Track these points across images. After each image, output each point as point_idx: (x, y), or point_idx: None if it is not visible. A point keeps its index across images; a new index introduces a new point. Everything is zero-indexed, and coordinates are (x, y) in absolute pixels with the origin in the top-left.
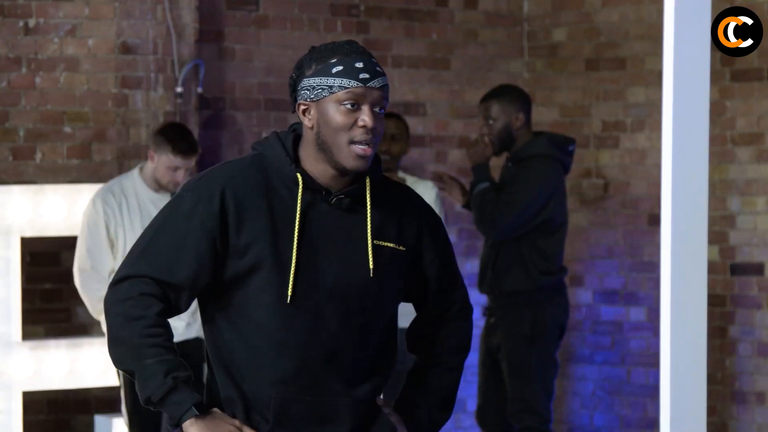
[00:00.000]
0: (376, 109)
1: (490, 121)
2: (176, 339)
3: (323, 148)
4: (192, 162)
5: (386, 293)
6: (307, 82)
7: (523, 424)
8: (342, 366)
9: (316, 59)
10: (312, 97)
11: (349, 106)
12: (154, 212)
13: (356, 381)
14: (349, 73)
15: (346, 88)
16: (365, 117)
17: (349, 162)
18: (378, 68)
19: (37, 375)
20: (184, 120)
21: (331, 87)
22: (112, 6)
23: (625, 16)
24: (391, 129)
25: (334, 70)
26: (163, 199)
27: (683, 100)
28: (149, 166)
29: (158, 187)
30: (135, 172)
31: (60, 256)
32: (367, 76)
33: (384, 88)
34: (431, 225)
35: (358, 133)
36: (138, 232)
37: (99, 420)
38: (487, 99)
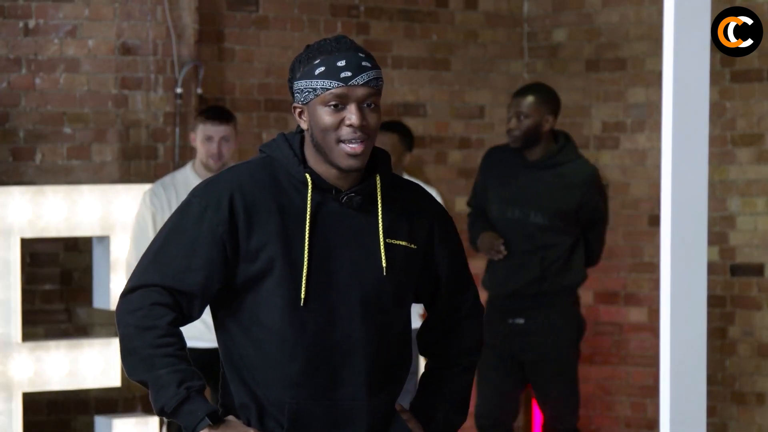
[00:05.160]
0: (365, 105)
1: (522, 117)
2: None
3: (318, 149)
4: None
5: (401, 292)
6: (297, 85)
7: (567, 425)
8: (357, 369)
9: (304, 61)
10: (302, 100)
11: (333, 107)
12: None
13: (372, 385)
14: (331, 73)
15: (328, 89)
16: (351, 116)
17: (341, 162)
18: (364, 62)
19: (37, 376)
20: (184, 121)
21: (315, 90)
22: (112, 7)
23: (625, 16)
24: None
25: (317, 71)
26: None
27: (683, 101)
28: (198, 155)
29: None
30: (188, 167)
31: (60, 257)
32: (348, 74)
33: (370, 82)
34: (442, 224)
35: (345, 132)
36: None
37: (99, 420)
38: (523, 94)
